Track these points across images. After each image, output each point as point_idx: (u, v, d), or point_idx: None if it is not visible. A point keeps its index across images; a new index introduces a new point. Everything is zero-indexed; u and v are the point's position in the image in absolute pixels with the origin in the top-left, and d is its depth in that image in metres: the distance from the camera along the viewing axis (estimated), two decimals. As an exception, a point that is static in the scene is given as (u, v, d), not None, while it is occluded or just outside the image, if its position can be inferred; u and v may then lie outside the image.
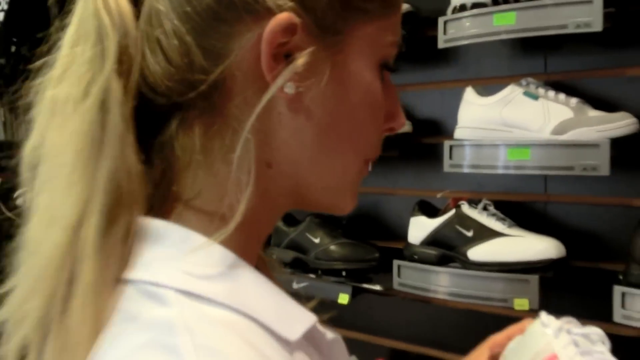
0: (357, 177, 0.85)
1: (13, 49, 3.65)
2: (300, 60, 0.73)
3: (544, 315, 1.24)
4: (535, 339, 1.20)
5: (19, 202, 2.58)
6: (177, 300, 0.68)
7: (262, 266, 0.87)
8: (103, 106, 0.71)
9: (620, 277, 1.83)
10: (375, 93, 0.81)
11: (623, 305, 1.78)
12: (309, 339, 0.79)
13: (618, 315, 1.78)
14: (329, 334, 0.83)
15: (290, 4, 0.72)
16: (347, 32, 0.77)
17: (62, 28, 0.76)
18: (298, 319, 0.77)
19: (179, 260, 0.72)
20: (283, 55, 0.73)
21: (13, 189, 3.89)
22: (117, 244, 0.71)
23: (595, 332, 1.12)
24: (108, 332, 0.69)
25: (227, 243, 0.73)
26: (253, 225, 0.78)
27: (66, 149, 0.72)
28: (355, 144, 0.82)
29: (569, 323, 1.15)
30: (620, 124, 1.86)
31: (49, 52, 0.77)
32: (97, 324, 0.68)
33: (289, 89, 0.73)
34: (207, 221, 0.75)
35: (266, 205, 0.80)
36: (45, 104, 0.74)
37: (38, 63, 0.78)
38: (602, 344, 1.11)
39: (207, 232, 0.74)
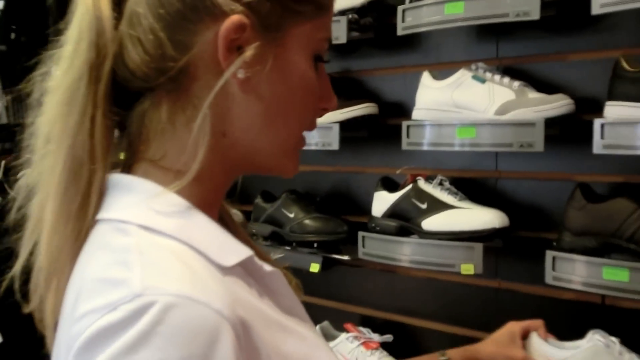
0: (297, 146, 1.05)
1: (13, 36, 3.78)
2: (248, 52, 0.92)
3: None
4: None
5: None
6: (136, 232, 0.88)
7: (227, 218, 1.12)
8: (75, 85, 0.91)
9: (554, 243, 1.99)
10: (308, 78, 1.00)
11: (554, 268, 1.94)
12: (248, 270, 0.96)
13: (549, 277, 1.95)
14: (267, 267, 0.99)
15: (241, 8, 0.91)
16: (286, 30, 0.96)
17: (62, 29, 0.98)
18: (234, 252, 0.94)
19: (142, 204, 0.92)
20: (235, 48, 0.92)
21: (17, 169, 4.06)
22: (79, 191, 0.92)
23: None
24: (85, 257, 0.91)
25: (184, 194, 0.94)
26: (210, 182, 0.99)
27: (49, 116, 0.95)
28: (293, 119, 1.02)
29: None
30: (556, 104, 2.00)
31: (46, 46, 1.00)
32: (72, 251, 0.92)
33: (240, 74, 0.93)
34: (171, 177, 0.95)
35: (223, 167, 1.00)
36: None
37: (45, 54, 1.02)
38: None
39: (169, 185, 0.93)
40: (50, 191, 0.94)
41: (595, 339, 1.86)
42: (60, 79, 0.94)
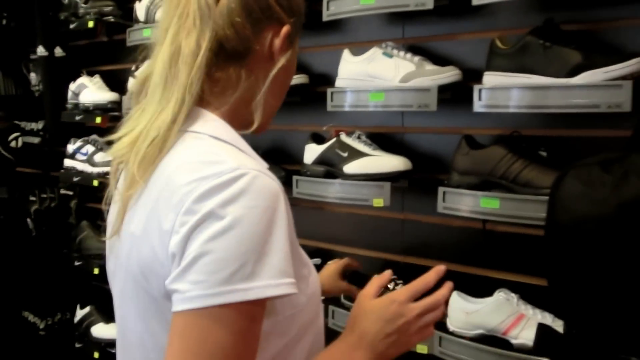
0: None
1: (4, 22, 3.85)
2: (290, 50, 1.24)
3: None
4: None
5: (12, 144, 3.00)
6: (208, 138, 1.15)
7: None
8: (202, 49, 1.15)
9: (445, 182, 2.18)
10: (294, 69, 1.32)
11: (444, 200, 2.13)
12: None
13: (440, 207, 2.14)
14: None
15: (289, 22, 1.22)
16: (295, 38, 1.27)
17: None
18: (262, 162, 1.19)
19: (214, 125, 1.17)
20: (284, 47, 1.22)
21: (8, 133, 4.15)
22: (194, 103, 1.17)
23: None
24: (175, 150, 1.14)
25: (233, 125, 1.20)
26: (239, 124, 1.22)
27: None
28: (283, 93, 1.31)
29: None
30: (447, 74, 2.19)
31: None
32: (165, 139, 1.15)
33: (283, 62, 1.22)
34: (227, 117, 1.20)
35: (244, 117, 1.22)
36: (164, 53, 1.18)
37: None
38: None
39: (227, 120, 1.20)
40: (161, 106, 1.17)
41: (499, 295, 2.12)
42: (179, 43, 1.16)
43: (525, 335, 2.02)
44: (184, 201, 1.04)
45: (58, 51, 3.81)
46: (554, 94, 1.88)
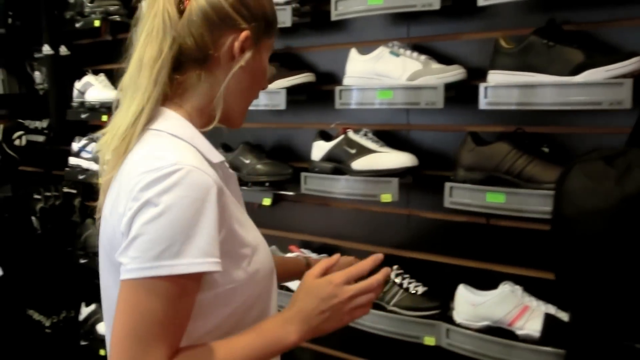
0: (247, 110, 1.51)
1: (10, 20, 3.91)
2: (248, 53, 1.40)
3: None
4: None
5: (17, 142, 3.07)
6: (166, 135, 1.34)
7: None
8: (161, 58, 1.34)
9: (451, 177, 2.26)
10: (265, 69, 1.48)
11: (451, 195, 2.22)
12: (222, 169, 1.45)
13: (447, 202, 2.22)
14: (231, 170, 1.54)
15: (248, 27, 1.38)
16: (261, 42, 1.43)
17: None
18: (216, 156, 1.40)
19: (173, 124, 1.37)
20: (243, 50, 1.39)
21: (13, 131, 4.20)
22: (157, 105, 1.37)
23: None
24: (138, 146, 1.34)
25: (193, 123, 1.40)
26: (206, 119, 1.42)
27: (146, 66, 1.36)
28: (254, 92, 1.50)
29: None
30: (453, 73, 2.27)
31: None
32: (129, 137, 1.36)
33: (243, 64, 1.39)
34: (191, 115, 1.41)
35: (211, 114, 1.42)
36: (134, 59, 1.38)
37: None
38: None
39: (188, 118, 1.40)
40: (128, 108, 1.37)
41: (504, 287, 2.21)
42: (144, 53, 1.35)
43: (530, 326, 2.10)
44: (133, 190, 1.25)
45: (63, 50, 3.87)
46: (556, 91, 1.98)
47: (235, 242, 1.36)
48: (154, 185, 1.23)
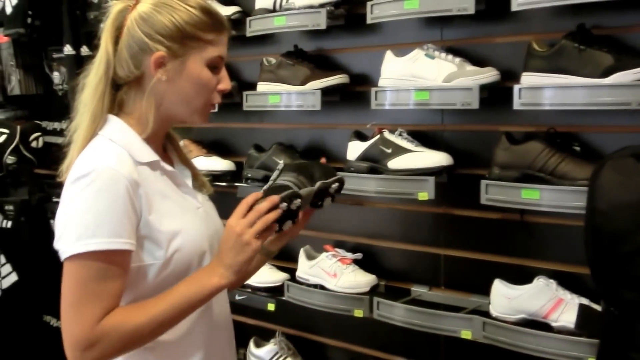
0: (205, 109, 1.87)
1: (29, 20, 4.19)
2: (163, 69, 1.77)
3: None
4: None
5: (33, 144, 3.46)
6: (103, 139, 1.77)
7: (174, 144, 2.03)
8: (101, 82, 1.80)
9: (486, 175, 2.52)
10: (202, 77, 1.81)
11: (487, 192, 2.48)
12: (160, 169, 1.84)
13: (483, 199, 2.48)
14: (169, 167, 1.87)
15: (163, 49, 1.75)
16: (187, 55, 1.78)
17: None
18: (147, 157, 1.80)
19: (113, 129, 1.79)
20: (160, 65, 1.77)
21: (30, 133, 4.45)
22: (94, 121, 1.79)
23: None
24: (90, 144, 1.78)
25: (137, 129, 1.81)
26: (153, 126, 1.81)
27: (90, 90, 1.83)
28: (194, 97, 1.83)
29: None
30: (487, 75, 2.53)
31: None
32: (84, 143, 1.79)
33: (163, 78, 1.77)
34: (132, 121, 1.82)
35: (159, 120, 1.84)
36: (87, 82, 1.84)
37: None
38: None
39: (131, 125, 1.81)
40: (81, 120, 1.81)
41: (538, 281, 2.48)
42: (91, 78, 1.82)
43: (565, 318, 2.37)
44: (65, 186, 1.71)
45: (84, 50, 4.14)
46: (587, 93, 2.25)
47: (152, 228, 1.74)
48: (76, 181, 1.66)
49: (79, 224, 1.64)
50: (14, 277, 4.49)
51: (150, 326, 1.69)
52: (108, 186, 1.65)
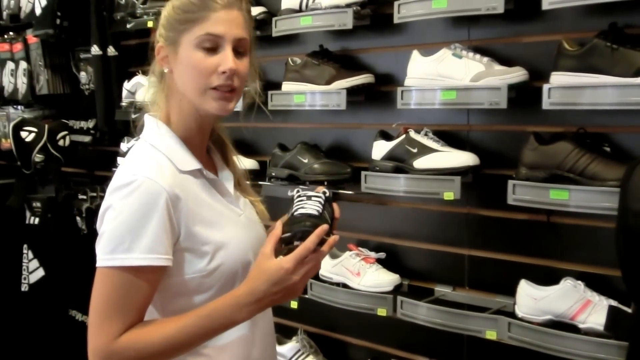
0: (207, 97, 1.72)
1: (58, 21, 4.14)
2: (167, 60, 1.75)
3: None
4: None
5: (60, 143, 3.35)
6: (145, 144, 1.75)
7: (223, 144, 1.98)
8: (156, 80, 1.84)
9: (514, 175, 2.43)
10: (194, 60, 1.70)
11: (514, 193, 2.39)
12: (203, 177, 1.78)
13: (510, 199, 2.39)
14: (212, 175, 1.80)
15: (161, 39, 1.75)
16: (179, 41, 1.71)
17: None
18: (190, 165, 1.74)
19: (153, 134, 1.76)
20: (163, 59, 1.76)
21: (57, 132, 4.41)
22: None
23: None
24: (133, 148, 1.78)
25: (176, 131, 1.78)
26: (188, 124, 1.79)
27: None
28: (195, 81, 1.71)
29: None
30: (515, 74, 2.45)
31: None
32: None
33: (167, 69, 1.77)
34: (165, 120, 1.79)
35: (185, 115, 1.78)
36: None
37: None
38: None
39: (167, 118, 1.80)
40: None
41: (566, 282, 2.39)
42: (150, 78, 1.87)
43: (593, 320, 2.27)
44: (107, 190, 1.67)
45: (111, 50, 4.09)
46: (618, 92, 2.15)
47: (196, 240, 1.68)
48: (115, 191, 1.63)
49: (116, 236, 1.59)
50: (40, 273, 4.46)
51: (169, 348, 1.62)
52: (147, 199, 1.61)
